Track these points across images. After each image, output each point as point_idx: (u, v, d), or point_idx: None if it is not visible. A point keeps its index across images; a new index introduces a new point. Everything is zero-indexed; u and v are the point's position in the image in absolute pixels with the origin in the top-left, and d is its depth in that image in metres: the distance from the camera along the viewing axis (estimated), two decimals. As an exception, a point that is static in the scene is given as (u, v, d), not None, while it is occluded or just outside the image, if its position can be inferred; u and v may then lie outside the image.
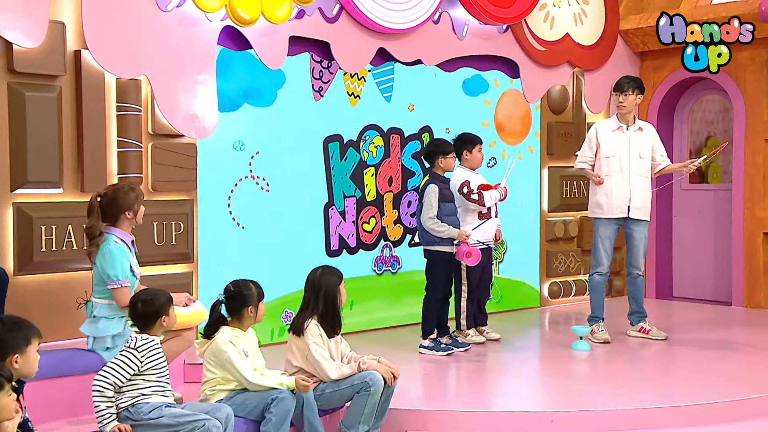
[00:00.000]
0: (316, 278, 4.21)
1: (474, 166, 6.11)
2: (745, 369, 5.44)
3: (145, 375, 3.65)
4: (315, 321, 4.13)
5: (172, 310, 3.78)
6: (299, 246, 6.16)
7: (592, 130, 6.26)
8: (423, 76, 6.84)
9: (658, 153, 6.28)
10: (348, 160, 6.46)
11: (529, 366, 5.78)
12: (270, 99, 6.02)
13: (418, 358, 5.69)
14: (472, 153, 6.06)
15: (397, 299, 6.75)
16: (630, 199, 6.13)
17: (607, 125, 6.24)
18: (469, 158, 6.08)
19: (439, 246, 5.74)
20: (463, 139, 6.09)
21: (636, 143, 6.16)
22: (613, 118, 6.28)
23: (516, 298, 7.60)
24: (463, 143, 6.07)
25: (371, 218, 6.62)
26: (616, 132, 6.17)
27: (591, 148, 6.20)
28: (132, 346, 3.65)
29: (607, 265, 6.22)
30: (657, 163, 6.28)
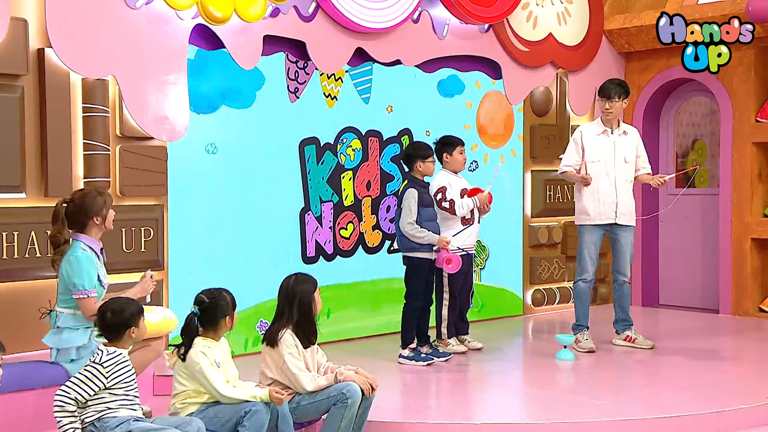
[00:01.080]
0: (289, 286, 4.19)
1: (456, 168, 6.12)
2: (733, 379, 5.48)
3: (113, 389, 3.62)
4: (290, 331, 4.12)
5: (142, 321, 3.75)
6: (274, 253, 6.13)
7: (577, 133, 6.29)
8: (402, 77, 6.85)
9: (641, 159, 6.33)
10: (325, 164, 6.46)
11: (512, 376, 5.79)
12: (248, 100, 6.01)
13: (398, 369, 5.69)
14: (452, 155, 6.07)
15: (375, 307, 6.75)
16: (617, 205, 6.17)
17: (591, 129, 6.27)
18: (450, 161, 6.09)
19: (419, 252, 5.74)
20: (443, 141, 6.11)
21: (621, 147, 6.20)
22: (598, 121, 6.32)
23: (498, 306, 7.62)
24: (443, 146, 6.09)
25: (349, 224, 6.62)
26: (601, 136, 6.21)
27: (578, 152, 6.23)
28: (97, 360, 3.61)
29: (592, 272, 6.25)
30: (638, 168, 6.32)
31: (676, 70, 8.06)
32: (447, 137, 6.14)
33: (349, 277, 6.62)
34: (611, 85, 6.19)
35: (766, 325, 7.33)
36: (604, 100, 6.17)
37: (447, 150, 6.08)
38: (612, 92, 6.13)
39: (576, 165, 6.23)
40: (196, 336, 3.86)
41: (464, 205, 5.97)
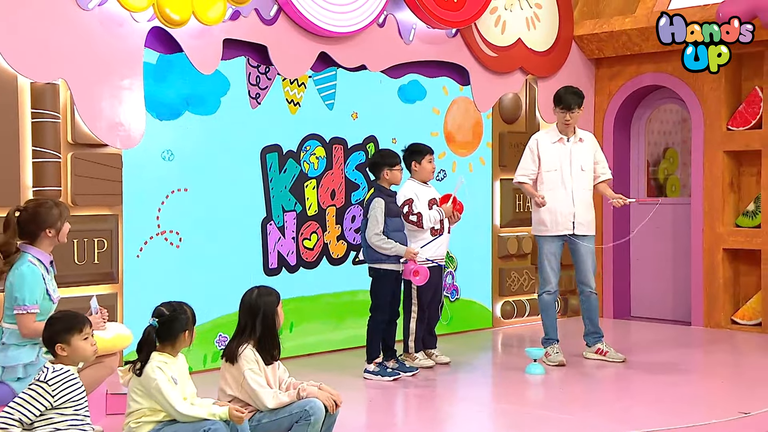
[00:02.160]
0: (252, 300, 4.15)
1: (424, 178, 6.13)
2: (704, 392, 5.54)
3: (61, 409, 3.55)
4: (250, 346, 4.08)
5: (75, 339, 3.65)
6: (234, 264, 6.10)
7: (533, 141, 6.29)
8: (367, 83, 6.86)
9: (600, 165, 6.37)
10: (287, 172, 6.44)
11: (481, 391, 5.80)
12: (213, 107, 6.00)
13: (363, 384, 5.68)
14: (421, 164, 6.08)
15: (340, 321, 6.74)
16: (575, 215, 6.21)
17: (547, 136, 6.28)
18: (418, 170, 6.10)
19: (386, 264, 5.75)
20: (411, 149, 6.12)
21: (577, 155, 6.24)
22: (553, 128, 6.33)
23: (467, 319, 7.64)
24: (411, 154, 6.10)
25: (312, 234, 6.60)
26: (557, 144, 6.23)
27: (534, 161, 6.24)
28: (42, 378, 3.55)
29: (555, 283, 6.28)
30: (597, 175, 6.37)
31: (647, 77, 8.18)
32: (416, 145, 6.15)
33: (313, 289, 6.60)
34: (571, 97, 6.18)
35: (738, 338, 7.44)
36: (565, 111, 6.18)
37: (416, 158, 6.09)
38: (573, 104, 6.15)
39: (532, 175, 6.24)
40: (154, 350, 3.82)
41: (431, 218, 5.98)
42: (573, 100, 6.17)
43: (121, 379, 3.88)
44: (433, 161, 6.15)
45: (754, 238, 7.55)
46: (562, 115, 6.19)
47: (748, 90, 7.71)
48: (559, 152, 6.20)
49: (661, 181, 8.71)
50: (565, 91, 6.24)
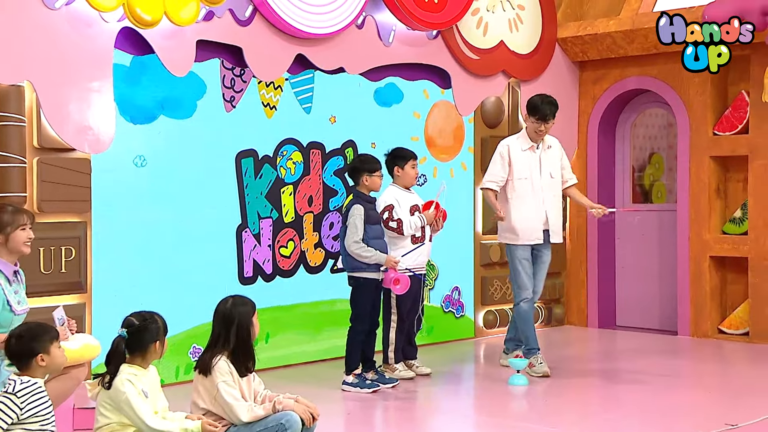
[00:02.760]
0: (226, 309, 4.13)
1: (407, 184, 6.14)
2: (691, 404, 5.57)
3: (26, 423, 3.52)
4: (225, 357, 4.06)
5: (54, 348, 3.65)
6: (208, 273, 6.08)
7: (503, 147, 6.26)
8: (346, 86, 6.86)
9: (566, 170, 6.41)
10: (263, 178, 6.42)
11: (463, 403, 5.81)
12: (189, 110, 5.99)
13: (341, 396, 5.67)
14: (404, 169, 6.09)
15: (317, 331, 6.72)
16: (547, 223, 6.24)
17: (517, 143, 6.25)
18: (401, 175, 6.11)
19: (366, 272, 5.75)
20: (394, 154, 6.13)
21: (546, 163, 6.27)
22: (524, 135, 6.29)
23: (448, 329, 7.64)
24: (394, 159, 6.11)
25: (289, 242, 6.59)
26: (528, 152, 6.24)
27: (504, 168, 6.22)
28: (10, 390, 3.51)
29: (531, 290, 6.29)
30: (564, 180, 6.40)
31: (632, 80, 8.23)
32: (399, 150, 6.16)
33: (289, 298, 6.58)
34: (548, 107, 6.15)
35: (725, 347, 7.49)
36: (540, 122, 6.17)
37: (398, 163, 6.10)
38: (548, 115, 6.15)
39: (501, 182, 6.24)
40: (123, 362, 3.79)
41: (412, 224, 5.98)
42: (549, 111, 6.17)
43: (89, 393, 3.85)
44: (416, 167, 6.16)
45: (741, 246, 7.62)
46: (536, 125, 6.19)
47: (734, 94, 7.78)
48: (530, 160, 6.22)
49: (646, 187, 8.76)
50: (541, 101, 6.19)
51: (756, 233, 7.52)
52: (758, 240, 7.50)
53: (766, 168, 7.47)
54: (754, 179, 7.57)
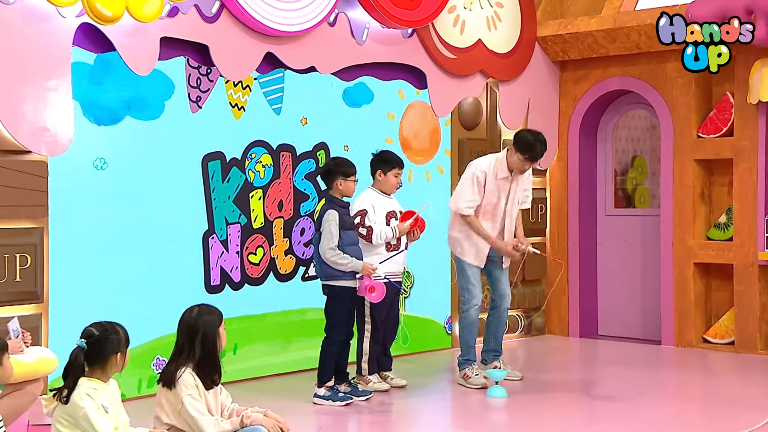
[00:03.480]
0: (191, 319, 4.12)
1: (386, 190, 6.17)
2: (675, 416, 5.60)
3: (-24, 440, 3.48)
4: (189, 369, 4.05)
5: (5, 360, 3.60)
6: (173, 281, 6.05)
7: (480, 173, 6.21)
8: (317, 86, 6.86)
9: (526, 192, 6.44)
10: (231, 182, 6.40)
11: (440, 416, 5.80)
12: (156, 111, 5.96)
13: (313, 410, 5.65)
14: (386, 175, 6.12)
15: (288, 341, 6.71)
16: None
17: (494, 171, 6.23)
18: (381, 180, 6.14)
19: (341, 281, 5.75)
20: (381, 157, 6.15)
21: (515, 190, 6.30)
22: (502, 162, 6.25)
23: (424, 339, 7.64)
24: (379, 162, 6.14)
25: (258, 248, 6.56)
26: (503, 180, 6.25)
27: (480, 193, 6.21)
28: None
29: (480, 297, 6.32)
30: (522, 201, 6.43)
31: (614, 81, 8.29)
32: (387, 154, 6.18)
33: (259, 307, 6.56)
34: (540, 148, 6.14)
35: (710, 357, 7.55)
36: (529, 161, 6.17)
37: (382, 168, 6.12)
38: (539, 155, 6.16)
39: (476, 206, 6.24)
40: (82, 375, 3.75)
41: (382, 235, 5.99)
42: (540, 151, 6.16)
43: (45, 408, 3.81)
44: (399, 176, 6.18)
45: (726, 252, 7.68)
46: (524, 163, 6.18)
47: (719, 95, 7.85)
48: (501, 187, 6.24)
49: (629, 191, 8.82)
50: (535, 139, 6.15)
51: (741, 239, 7.59)
52: (743, 246, 7.57)
53: (751, 172, 7.55)
54: (739, 183, 7.64)
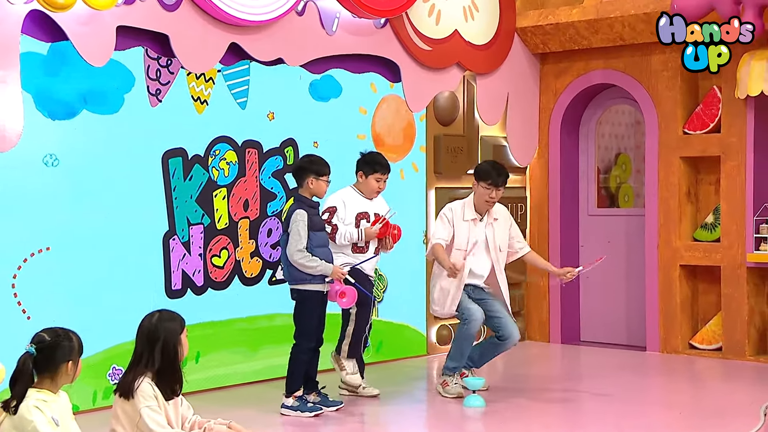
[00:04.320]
0: (151, 325, 4.09)
1: (365, 193, 6.20)
2: (660, 425, 5.61)
3: None
4: (148, 379, 4.02)
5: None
6: (131, 286, 6.01)
7: (448, 210, 6.23)
8: (285, 79, 6.84)
9: (516, 239, 6.43)
10: (193, 180, 6.37)
11: (415, 427, 5.80)
12: (115, 105, 5.93)
13: (280, 421, 5.63)
14: (366, 179, 6.16)
15: (254, 349, 6.69)
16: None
17: (461, 211, 6.24)
18: (362, 182, 6.19)
19: (311, 284, 5.74)
20: (366, 159, 6.19)
21: (493, 237, 6.27)
22: (469, 203, 6.26)
23: (399, 346, 7.64)
24: (362, 163, 6.18)
25: (222, 250, 6.54)
26: (470, 223, 6.24)
27: (448, 231, 6.19)
28: None
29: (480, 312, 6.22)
30: (515, 251, 6.42)
31: (596, 74, 8.32)
32: (375, 157, 6.21)
33: (223, 313, 6.53)
34: (500, 173, 6.17)
35: (697, 364, 7.59)
36: (491, 188, 6.17)
37: (365, 170, 6.16)
38: (500, 181, 6.17)
39: (447, 239, 6.20)
40: (31, 383, 3.70)
41: (345, 236, 6.00)
42: (502, 177, 6.18)
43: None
44: (381, 182, 6.17)
45: (713, 254, 7.73)
46: (486, 191, 6.18)
47: (705, 90, 7.90)
48: (469, 233, 6.21)
49: (612, 190, 8.86)
50: (492, 168, 6.22)
51: (729, 240, 7.64)
52: (731, 247, 7.62)
53: (739, 169, 7.60)
54: (726, 181, 7.69)
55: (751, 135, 7.55)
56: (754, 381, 6.91)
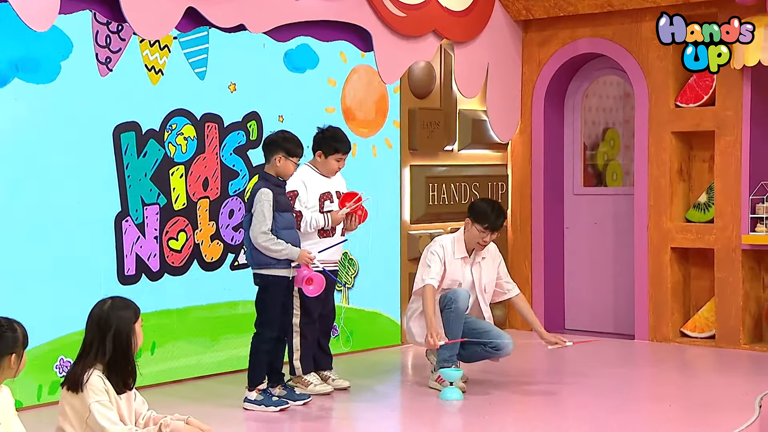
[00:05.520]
0: (102, 313, 4.06)
1: (323, 172, 6.18)
2: (649, 420, 5.65)
3: None
4: (99, 372, 3.99)
5: None
6: (80, 272, 5.98)
7: (439, 248, 6.17)
8: (248, 48, 6.81)
9: (505, 279, 6.43)
10: (148, 156, 6.34)
11: (388, 421, 5.81)
12: (51, 73, 5.87)
13: (243, 416, 5.62)
14: (326, 159, 6.12)
15: (214, 339, 6.69)
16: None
17: (451, 248, 6.21)
18: (320, 161, 6.16)
19: (275, 269, 5.71)
20: (327, 135, 6.13)
21: (479, 277, 6.27)
22: (459, 240, 6.22)
23: (371, 335, 7.65)
24: (322, 141, 6.12)
25: (180, 233, 6.52)
26: (459, 261, 6.22)
27: (442, 269, 6.15)
28: None
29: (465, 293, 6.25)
30: (503, 291, 6.43)
31: (583, 43, 8.32)
32: (333, 133, 6.15)
33: (181, 301, 6.52)
34: (498, 215, 6.15)
35: (689, 353, 7.65)
36: (487, 231, 6.15)
37: (324, 149, 6.12)
38: (498, 225, 6.15)
39: (439, 279, 6.14)
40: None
41: (312, 223, 5.99)
42: (500, 220, 6.16)
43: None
44: (342, 161, 6.16)
45: (707, 235, 7.78)
46: (482, 235, 6.15)
47: (699, 60, 7.93)
48: (460, 272, 6.20)
49: (599, 167, 8.89)
50: (492, 208, 6.16)
51: (723, 221, 7.69)
52: (726, 228, 7.67)
53: (735, 145, 7.64)
54: (721, 158, 7.73)
55: (748, 108, 7.59)
56: (749, 371, 6.98)
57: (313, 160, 6.18)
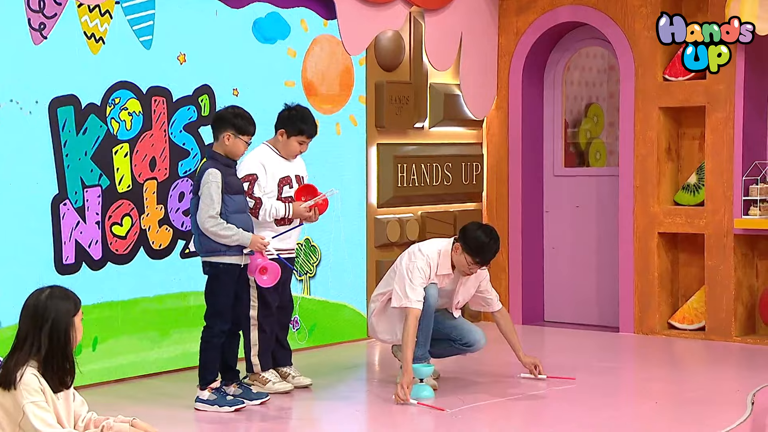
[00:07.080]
0: (39, 303, 4.04)
1: (283, 154, 6.16)
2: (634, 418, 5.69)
3: None
4: (34, 368, 3.97)
5: None
6: (12, 260, 5.94)
7: (426, 265, 6.12)
8: (199, 14, 6.79)
9: (488, 292, 6.43)
10: (88, 134, 6.31)
11: (353, 423, 5.81)
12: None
13: (193, 418, 5.62)
14: (288, 139, 6.11)
15: (164, 334, 6.68)
16: None
17: (436, 264, 6.18)
18: (281, 141, 6.14)
19: (226, 256, 5.70)
20: (292, 115, 6.11)
21: (460, 293, 6.30)
22: (446, 257, 6.18)
23: (335, 328, 7.66)
24: (286, 120, 6.10)
25: (125, 217, 6.50)
26: (445, 278, 6.22)
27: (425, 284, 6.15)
28: None
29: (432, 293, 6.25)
30: (484, 304, 6.45)
31: (564, 11, 8.33)
32: (303, 114, 6.13)
33: (126, 292, 6.50)
34: (495, 252, 6.15)
35: (677, 346, 7.71)
36: (478, 265, 6.13)
37: (288, 129, 6.09)
38: (489, 258, 6.13)
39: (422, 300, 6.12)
40: None
41: (271, 212, 5.98)
42: (492, 255, 6.15)
43: None
44: (305, 146, 6.14)
45: (696, 219, 7.83)
46: (471, 267, 6.13)
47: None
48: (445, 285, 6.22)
49: (582, 146, 8.91)
50: (489, 239, 6.10)
51: (714, 204, 7.74)
52: (717, 212, 7.72)
53: (727, 122, 7.68)
54: (712, 136, 7.78)
55: (741, 82, 7.63)
56: (741, 365, 7.04)
57: (273, 139, 6.16)
